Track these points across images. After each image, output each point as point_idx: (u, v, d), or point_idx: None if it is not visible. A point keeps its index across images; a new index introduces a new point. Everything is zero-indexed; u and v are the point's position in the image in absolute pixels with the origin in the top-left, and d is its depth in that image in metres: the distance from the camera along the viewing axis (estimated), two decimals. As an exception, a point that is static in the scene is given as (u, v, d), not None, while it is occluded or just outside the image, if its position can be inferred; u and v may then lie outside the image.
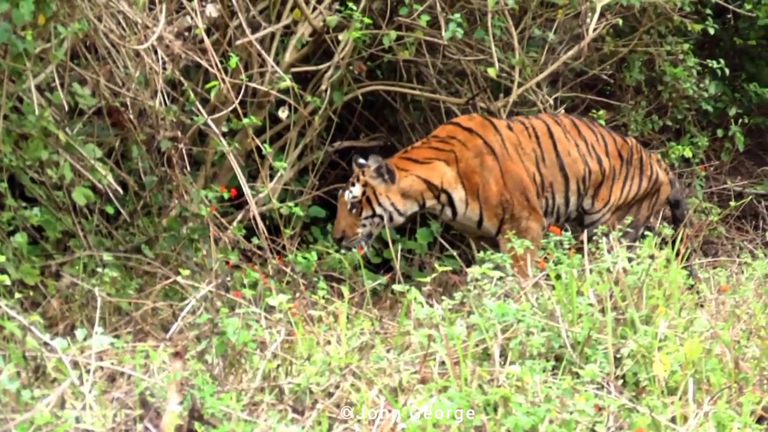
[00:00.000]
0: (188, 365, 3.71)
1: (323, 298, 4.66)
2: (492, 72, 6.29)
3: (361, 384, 3.79)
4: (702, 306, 5.13)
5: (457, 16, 6.10)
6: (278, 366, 3.91)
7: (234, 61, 5.35)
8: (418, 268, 6.50)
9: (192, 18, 5.38)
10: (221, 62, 5.34)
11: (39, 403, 3.30)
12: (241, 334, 3.81)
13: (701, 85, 7.68)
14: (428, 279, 4.66)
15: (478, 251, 5.72)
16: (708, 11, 7.57)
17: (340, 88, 6.23)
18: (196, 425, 3.39)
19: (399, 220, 5.92)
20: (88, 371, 3.58)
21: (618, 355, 4.05)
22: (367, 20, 6.00)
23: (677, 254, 4.93)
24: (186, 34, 5.43)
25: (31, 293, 4.66)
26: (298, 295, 4.93)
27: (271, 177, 5.91)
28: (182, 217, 5.29)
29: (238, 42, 5.74)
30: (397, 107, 6.88)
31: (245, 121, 5.47)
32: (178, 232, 5.26)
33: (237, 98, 5.32)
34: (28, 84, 4.59)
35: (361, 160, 5.96)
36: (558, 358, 4.09)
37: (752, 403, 3.71)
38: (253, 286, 4.88)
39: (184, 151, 5.34)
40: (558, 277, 4.48)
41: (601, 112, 7.05)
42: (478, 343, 4.08)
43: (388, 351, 4.19)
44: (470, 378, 3.77)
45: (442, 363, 3.94)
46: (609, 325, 4.13)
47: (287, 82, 5.70)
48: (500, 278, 4.69)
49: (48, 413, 3.26)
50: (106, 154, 5.19)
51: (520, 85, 6.56)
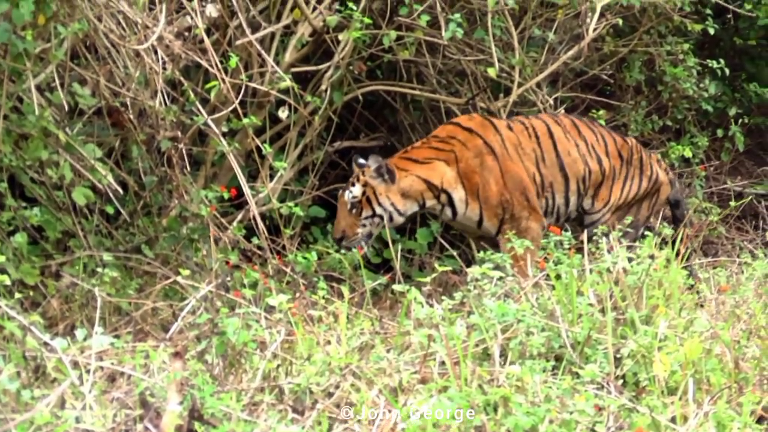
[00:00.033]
0: (188, 365, 3.71)
1: (323, 298, 4.66)
2: (492, 72, 6.29)
3: (361, 384, 3.79)
4: (702, 306, 5.12)
5: (457, 16, 6.10)
6: (278, 366, 3.91)
7: (234, 61, 5.35)
8: (418, 268, 6.49)
9: (192, 18, 5.38)
10: (221, 62, 5.34)
11: (39, 403, 3.30)
12: (241, 334, 3.81)
13: (701, 85, 7.67)
14: (428, 279, 4.66)
15: (478, 251, 5.71)
16: (708, 11, 7.57)
17: (340, 88, 6.23)
18: (196, 425, 3.39)
19: (399, 220, 5.91)
20: (88, 371, 3.58)
21: (618, 355, 4.05)
22: (367, 20, 6.00)
23: (677, 254, 4.93)
24: (186, 34, 5.43)
25: (31, 293, 4.66)
26: (298, 295, 4.93)
27: (271, 177, 5.91)
28: (182, 217, 5.29)
29: (238, 42, 5.74)
30: (397, 107, 6.88)
31: (245, 121, 5.47)
32: (178, 232, 5.26)
33: (237, 98, 5.32)
34: (28, 84, 4.59)
35: (361, 160, 5.95)
36: (558, 358, 4.09)
37: (752, 403, 3.70)
38: (253, 286, 4.88)
39: (184, 151, 5.34)
40: (558, 277, 4.48)
41: (601, 112, 7.05)
42: (478, 343, 4.08)
43: (388, 351, 4.19)
44: (470, 378, 3.77)
45: (442, 363, 3.94)
46: (609, 325, 4.13)
47: (287, 82, 5.70)
48: (500, 278, 4.68)
49: (48, 413, 3.26)
50: (106, 154, 5.19)
51: (520, 85, 6.55)
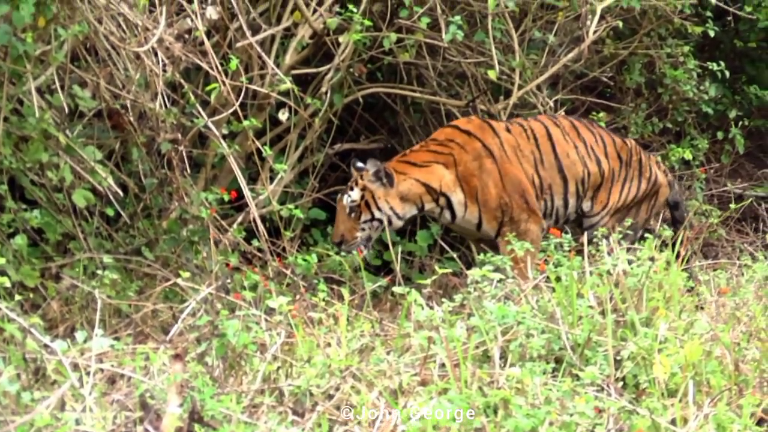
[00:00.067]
0: (188, 367, 3.71)
1: (323, 300, 4.66)
2: (492, 74, 6.29)
3: (362, 386, 3.79)
4: (702, 308, 5.11)
5: (457, 18, 6.10)
6: (278, 368, 3.91)
7: (234, 63, 5.35)
8: (419, 270, 6.50)
9: (192, 20, 5.38)
10: (221, 64, 5.34)
11: (39, 405, 3.30)
12: (241, 336, 3.81)
13: (701, 88, 7.67)
14: (428, 281, 4.66)
15: (478, 253, 5.71)
16: (708, 13, 7.57)
17: (341, 90, 6.23)
18: (196, 427, 3.39)
19: (398, 223, 5.91)
20: (88, 373, 3.58)
21: (618, 357, 4.05)
22: (367, 22, 6.00)
23: (677, 256, 4.93)
24: (186, 36, 5.43)
25: (31, 295, 4.66)
26: (298, 297, 4.92)
27: (272, 179, 5.92)
28: (182, 219, 5.30)
29: (239, 44, 5.74)
30: (397, 109, 6.89)
31: (245, 123, 5.47)
32: (178, 235, 5.26)
33: (237, 100, 5.32)
34: (28, 86, 4.59)
35: (360, 164, 5.93)
36: (558, 360, 4.08)
37: (752, 406, 3.70)
38: (254, 288, 4.88)
39: (184, 154, 5.35)
40: (558, 279, 4.48)
41: (602, 114, 7.05)
42: (478, 345, 4.08)
43: (388, 353, 4.18)
44: (470, 380, 3.77)
45: (442, 365, 3.94)
46: (609, 327, 4.13)
47: (287, 85, 5.70)
48: (500, 280, 4.68)
49: (48, 415, 3.26)
50: (107, 157, 5.20)
51: (520, 87, 6.56)
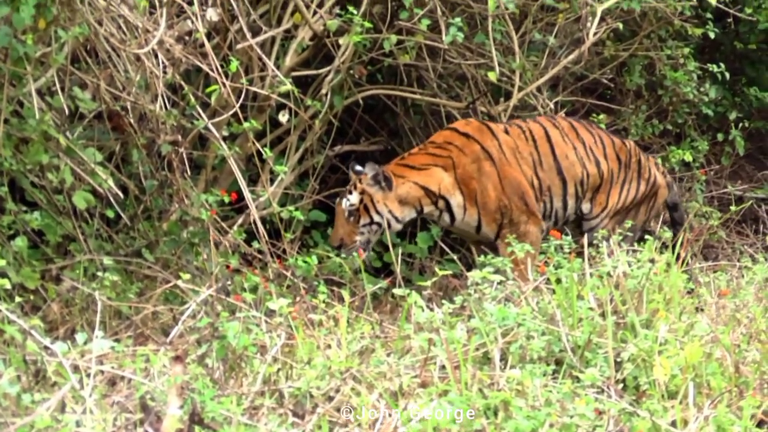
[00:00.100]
0: (189, 369, 3.71)
1: (323, 302, 4.65)
2: (492, 76, 6.29)
3: (362, 388, 3.79)
4: (702, 310, 5.12)
5: (457, 20, 6.10)
6: (279, 370, 3.91)
7: (234, 65, 5.35)
8: (419, 272, 6.50)
9: (192, 22, 5.38)
10: (222, 66, 5.34)
11: (39, 407, 3.30)
12: (242, 338, 3.81)
13: (701, 89, 7.67)
14: (429, 283, 4.67)
15: (478, 255, 5.71)
16: (708, 15, 7.57)
17: (341, 92, 6.24)
18: (197, 429, 3.39)
19: (397, 226, 5.91)
20: (88, 375, 3.58)
21: (618, 359, 4.05)
22: (367, 24, 6.00)
23: (677, 258, 4.93)
24: (186, 38, 5.43)
25: (32, 297, 4.66)
26: (298, 299, 4.92)
27: (272, 181, 5.92)
28: (183, 221, 5.29)
29: (239, 46, 5.74)
30: (397, 111, 6.89)
31: (246, 125, 5.47)
32: (178, 236, 5.26)
33: (237, 102, 5.32)
34: (28, 88, 4.59)
35: (358, 167, 5.93)
36: (558, 362, 4.09)
37: (752, 407, 3.70)
38: (254, 290, 4.88)
39: (184, 155, 5.35)
40: (558, 281, 4.48)
41: (602, 116, 7.05)
42: (478, 347, 4.08)
43: (388, 355, 4.19)
44: (470, 382, 3.77)
45: (443, 367, 3.94)
46: (609, 329, 4.13)
47: (288, 86, 5.70)
48: (500, 282, 4.68)
49: (48, 417, 3.26)
50: (107, 158, 5.20)
51: (520, 89, 6.56)
